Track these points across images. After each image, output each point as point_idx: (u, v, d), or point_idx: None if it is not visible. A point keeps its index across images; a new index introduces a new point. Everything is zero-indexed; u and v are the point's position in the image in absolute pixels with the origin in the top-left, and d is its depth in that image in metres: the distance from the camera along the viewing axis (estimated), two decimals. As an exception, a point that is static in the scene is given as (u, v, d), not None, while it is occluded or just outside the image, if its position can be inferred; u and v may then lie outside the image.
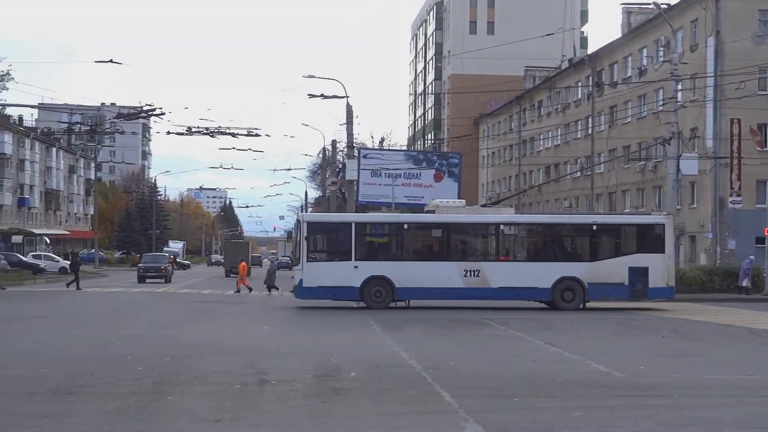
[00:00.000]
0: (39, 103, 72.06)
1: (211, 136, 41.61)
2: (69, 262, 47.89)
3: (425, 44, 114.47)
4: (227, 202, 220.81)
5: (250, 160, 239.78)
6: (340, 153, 63.01)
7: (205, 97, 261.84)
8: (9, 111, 77.59)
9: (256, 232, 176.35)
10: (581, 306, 31.79)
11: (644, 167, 55.80)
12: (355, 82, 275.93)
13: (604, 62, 63.09)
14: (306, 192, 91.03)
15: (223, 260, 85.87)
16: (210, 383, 13.68)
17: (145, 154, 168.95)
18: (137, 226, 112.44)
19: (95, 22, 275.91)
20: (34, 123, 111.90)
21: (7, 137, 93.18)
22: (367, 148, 61.91)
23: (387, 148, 78.49)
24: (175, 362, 16.04)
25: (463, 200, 37.78)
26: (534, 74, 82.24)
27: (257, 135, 41.90)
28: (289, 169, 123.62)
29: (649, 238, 32.13)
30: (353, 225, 31.83)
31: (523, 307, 32.21)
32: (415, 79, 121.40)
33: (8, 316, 26.85)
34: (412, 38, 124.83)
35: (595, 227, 32.46)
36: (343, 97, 48.46)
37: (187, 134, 41.57)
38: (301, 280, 31.39)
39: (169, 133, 70.54)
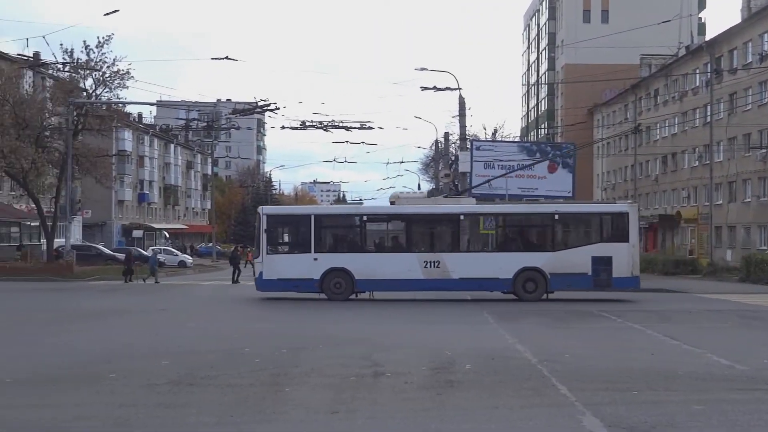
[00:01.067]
0: (157, 101, 73.81)
1: (324, 129, 42.05)
2: (229, 257, 48.71)
3: (538, 34, 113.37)
4: (341, 195, 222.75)
5: (363, 154, 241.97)
6: (453, 145, 62.81)
7: (319, 91, 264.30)
8: (129, 109, 79.72)
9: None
10: (544, 297, 31.64)
11: (765, 156, 54.21)
12: (467, 74, 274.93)
13: (723, 48, 61.41)
14: (419, 185, 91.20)
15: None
16: (326, 375, 13.84)
17: (260, 149, 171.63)
18: (253, 220, 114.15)
19: (211, 20, 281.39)
20: (152, 120, 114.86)
21: (128, 134, 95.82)
22: (479, 140, 61.57)
23: (500, 139, 77.88)
24: (292, 354, 16.27)
25: (424, 191, 38.02)
26: (650, 62, 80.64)
27: (370, 128, 42.15)
28: (402, 162, 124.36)
29: (612, 228, 31.89)
30: (312, 217, 32.13)
31: (636, 299, 31.73)
32: (528, 69, 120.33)
33: (133, 309, 27.61)
34: (525, 28, 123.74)
35: (557, 217, 32.20)
36: (455, 89, 48.38)
37: (301, 128, 42.09)
38: (261, 273, 31.68)
39: (283, 127, 71.30)
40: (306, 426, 10.11)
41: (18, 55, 58.40)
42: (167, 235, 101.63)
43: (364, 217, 32.75)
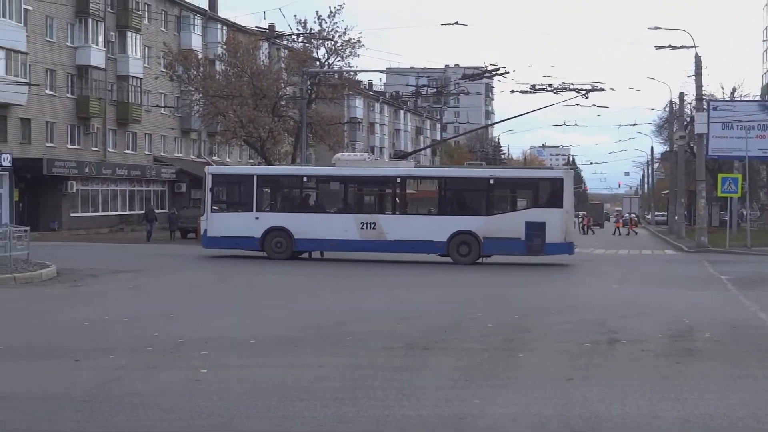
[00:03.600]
0: (387, 68, 75.01)
1: (554, 93, 41.33)
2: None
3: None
4: (570, 159, 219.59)
5: (594, 116, 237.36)
6: (688, 106, 60.52)
7: (549, 54, 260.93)
8: (359, 77, 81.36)
9: (600, 189, 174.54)
10: (478, 260, 31.57)
11: None
12: (703, 31, 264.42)
13: None
14: (651, 147, 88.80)
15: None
16: (559, 341, 13.76)
17: (489, 114, 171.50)
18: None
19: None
20: (382, 87, 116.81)
21: (359, 102, 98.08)
22: (717, 100, 58.95)
23: (739, 99, 74.52)
24: (524, 320, 16.26)
25: (366, 153, 36.86)
26: None
27: (601, 90, 41.08)
28: (635, 125, 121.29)
29: (547, 194, 31.58)
30: (255, 177, 33.02)
31: None
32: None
33: (377, 273, 28.25)
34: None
35: (492, 181, 32.10)
36: (691, 47, 46.57)
37: (530, 92, 41.63)
38: (205, 230, 32.66)
39: (513, 92, 70.47)
40: (540, 392, 10.09)
41: (256, 27, 60.71)
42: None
43: (304, 178, 33.98)
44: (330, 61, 52.13)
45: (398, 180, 32.77)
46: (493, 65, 43.57)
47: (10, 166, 50.19)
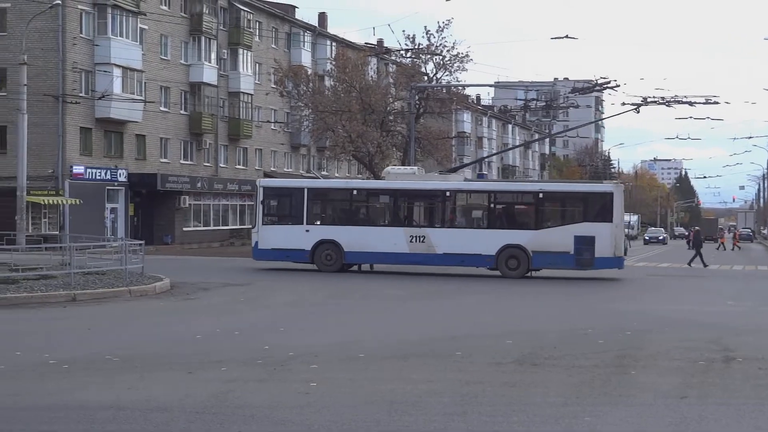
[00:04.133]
0: (495, 82, 74.67)
1: (666, 105, 40.64)
2: (691, 239, 48.36)
3: None
4: (683, 173, 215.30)
5: (708, 129, 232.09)
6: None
7: (660, 66, 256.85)
8: (467, 91, 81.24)
9: (713, 203, 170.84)
10: (527, 274, 31.73)
11: None
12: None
13: None
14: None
15: (687, 234, 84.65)
16: (673, 359, 13.47)
17: (598, 127, 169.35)
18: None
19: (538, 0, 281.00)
20: (490, 101, 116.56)
21: (467, 116, 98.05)
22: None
23: None
24: (636, 336, 15.99)
25: (415, 167, 37.26)
26: None
27: (715, 103, 40.23)
28: (750, 137, 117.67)
29: (596, 208, 31.63)
30: (305, 191, 33.50)
31: None
32: None
33: (487, 289, 28.15)
34: None
35: (541, 195, 32.43)
36: (809, 57, 45.26)
37: (642, 105, 40.99)
38: (256, 243, 33.21)
39: (623, 104, 69.63)
40: (653, 410, 9.90)
41: (365, 44, 61.25)
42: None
43: (354, 191, 34.43)
44: (438, 75, 52.20)
45: (447, 193, 33.14)
46: (603, 78, 43.02)
47: (126, 182, 51.61)
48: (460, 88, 57.21)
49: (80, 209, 47.96)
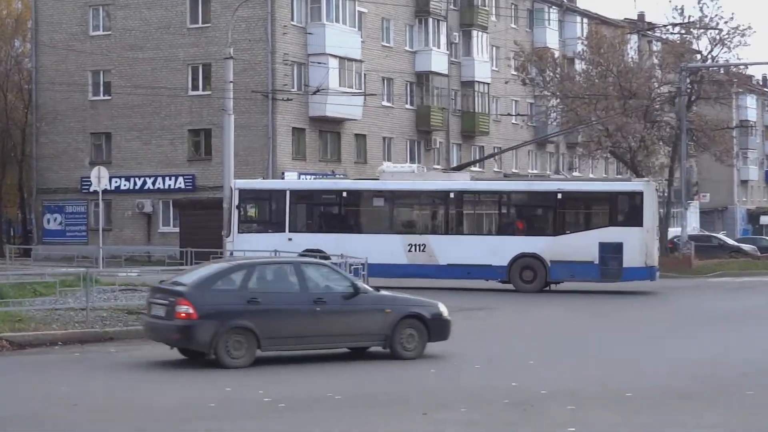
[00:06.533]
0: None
1: None
2: None
3: None
4: None
5: None
6: None
7: None
8: (750, 70, 78.21)
9: None
10: (545, 287, 31.77)
11: None
12: None
13: None
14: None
15: None
16: None
17: None
18: None
19: None
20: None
21: (750, 101, 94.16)
22: None
23: None
24: None
25: (414, 165, 36.34)
26: None
27: None
28: None
29: (624, 210, 32.21)
30: (288, 193, 33.81)
31: None
32: None
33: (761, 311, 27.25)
34: None
35: (560, 196, 32.53)
36: None
37: None
38: (231, 254, 32.49)
39: None
40: None
41: (624, 19, 60.36)
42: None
43: (344, 194, 34.44)
44: (714, 53, 50.83)
45: (452, 195, 33.30)
46: None
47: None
48: (741, 67, 55.45)
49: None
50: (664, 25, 52.80)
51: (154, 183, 50.23)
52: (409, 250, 33.01)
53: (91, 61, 51.33)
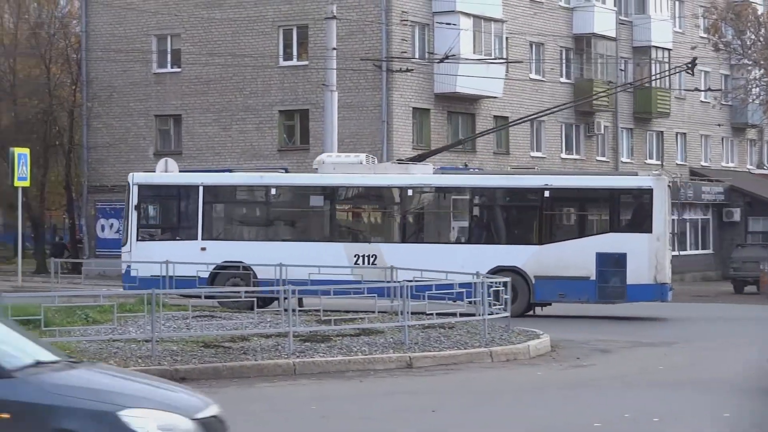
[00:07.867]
0: None
1: None
2: None
3: None
4: None
5: None
6: None
7: None
8: None
9: None
10: (527, 311, 32.01)
11: None
12: None
13: None
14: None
15: None
16: None
17: None
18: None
19: None
20: None
21: None
22: None
23: None
24: None
25: (362, 155, 34.69)
26: None
27: None
28: None
29: (628, 211, 32.98)
30: (201, 189, 33.75)
31: None
32: None
33: None
34: None
35: (547, 194, 32.66)
36: None
37: None
38: (128, 268, 33.09)
39: None
40: None
41: None
42: None
43: (272, 190, 34.64)
44: None
45: (409, 192, 33.46)
46: None
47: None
48: None
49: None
50: None
51: (236, 179, 50.74)
52: (357, 263, 33.07)
53: (156, 22, 51.98)
